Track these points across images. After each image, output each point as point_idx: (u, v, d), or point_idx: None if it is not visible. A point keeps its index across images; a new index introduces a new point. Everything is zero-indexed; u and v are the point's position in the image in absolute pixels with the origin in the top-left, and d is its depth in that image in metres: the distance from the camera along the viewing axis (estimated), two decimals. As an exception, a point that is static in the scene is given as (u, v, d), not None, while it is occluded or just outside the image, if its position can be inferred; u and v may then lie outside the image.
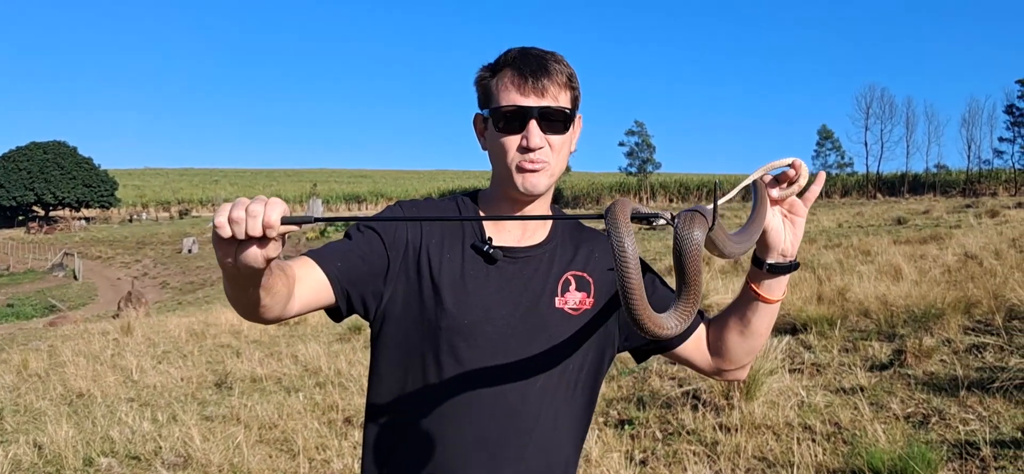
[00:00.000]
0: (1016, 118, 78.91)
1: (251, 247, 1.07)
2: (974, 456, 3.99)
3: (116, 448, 5.44)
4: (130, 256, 50.45)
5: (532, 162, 1.44)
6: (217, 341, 10.47)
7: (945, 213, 30.38)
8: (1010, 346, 5.79)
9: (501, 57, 1.48)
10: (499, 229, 1.52)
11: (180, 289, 35.64)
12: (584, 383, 1.56)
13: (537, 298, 1.49)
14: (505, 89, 1.44)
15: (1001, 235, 15.41)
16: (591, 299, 1.53)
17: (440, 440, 1.46)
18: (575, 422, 1.56)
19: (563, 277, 1.53)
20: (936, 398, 4.91)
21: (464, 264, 1.48)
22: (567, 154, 1.52)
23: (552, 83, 1.43)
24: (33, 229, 76.32)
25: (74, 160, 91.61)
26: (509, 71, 1.44)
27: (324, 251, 1.42)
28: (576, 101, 1.50)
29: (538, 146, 1.43)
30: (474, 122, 1.55)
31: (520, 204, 1.51)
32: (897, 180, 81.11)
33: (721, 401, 5.02)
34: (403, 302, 1.47)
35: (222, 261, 1.10)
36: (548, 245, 1.54)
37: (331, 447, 5.04)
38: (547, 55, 1.46)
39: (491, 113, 1.47)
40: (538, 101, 1.42)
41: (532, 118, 1.42)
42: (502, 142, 1.45)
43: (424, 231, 1.50)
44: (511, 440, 1.47)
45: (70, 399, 7.39)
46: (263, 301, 1.23)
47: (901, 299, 7.62)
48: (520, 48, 1.47)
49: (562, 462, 1.54)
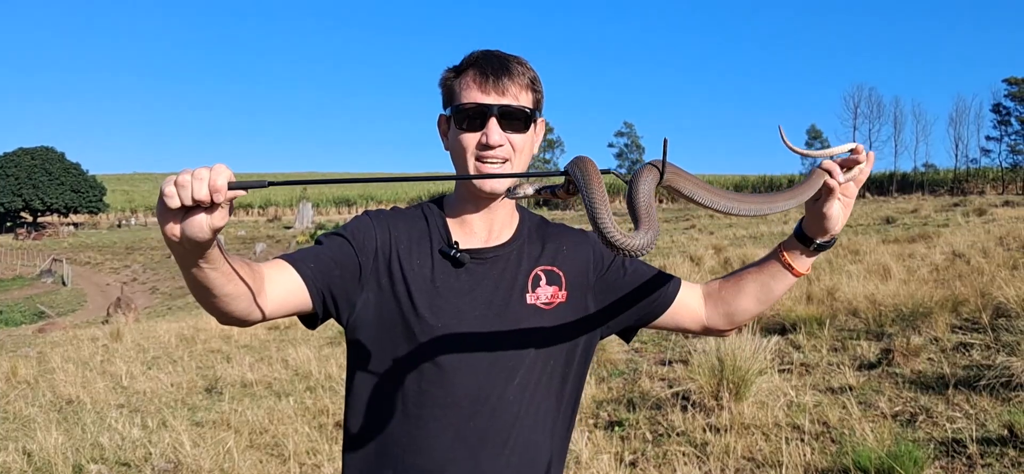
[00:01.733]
0: (1003, 117, 79.52)
1: (197, 215, 1.07)
2: (961, 454, 4.02)
3: (106, 455, 5.43)
4: (119, 261, 50.17)
5: (492, 159, 1.46)
6: (207, 346, 10.44)
7: (933, 212, 30.53)
8: (997, 344, 5.83)
9: (465, 58, 1.51)
10: (465, 232, 1.54)
11: (170, 294, 35.46)
12: (566, 376, 1.58)
13: (508, 296, 1.51)
14: (467, 88, 1.47)
15: (989, 233, 15.52)
16: (564, 292, 1.56)
17: (420, 442, 1.47)
18: (559, 416, 1.58)
19: (532, 273, 1.55)
20: (923, 396, 4.95)
21: (434, 269, 1.50)
22: (529, 155, 1.54)
23: (513, 83, 1.47)
24: (21, 235, 75.79)
25: (62, 165, 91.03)
26: (472, 71, 1.48)
27: (296, 254, 1.43)
28: (538, 104, 1.53)
29: (498, 143, 1.45)
30: (438, 123, 1.58)
31: (483, 204, 1.53)
32: (886, 179, 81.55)
33: (710, 402, 5.04)
34: (375, 307, 1.48)
35: (168, 233, 1.09)
36: (515, 243, 1.56)
37: (322, 451, 5.03)
38: (510, 57, 1.50)
39: (453, 111, 1.49)
40: (499, 99, 1.45)
41: (492, 115, 1.45)
42: (462, 139, 1.48)
43: (392, 237, 1.51)
44: (491, 438, 1.48)
45: (59, 406, 7.36)
46: (224, 290, 1.23)
47: (889, 298, 7.66)
48: (485, 50, 1.51)
49: (546, 457, 1.55)
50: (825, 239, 1.48)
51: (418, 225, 1.55)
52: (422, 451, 1.47)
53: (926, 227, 20.75)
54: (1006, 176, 78.50)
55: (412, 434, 1.47)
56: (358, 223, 1.52)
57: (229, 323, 1.32)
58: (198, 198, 1.05)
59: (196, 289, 1.23)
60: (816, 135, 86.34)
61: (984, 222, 21.46)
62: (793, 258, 1.52)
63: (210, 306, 1.26)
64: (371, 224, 1.52)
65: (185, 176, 1.06)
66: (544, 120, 1.58)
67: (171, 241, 1.11)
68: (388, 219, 1.55)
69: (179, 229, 1.08)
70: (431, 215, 1.57)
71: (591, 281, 1.59)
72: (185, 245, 1.10)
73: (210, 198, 1.06)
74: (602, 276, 1.60)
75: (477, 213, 1.54)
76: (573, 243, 1.62)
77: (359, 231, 1.50)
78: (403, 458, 1.48)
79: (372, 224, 1.52)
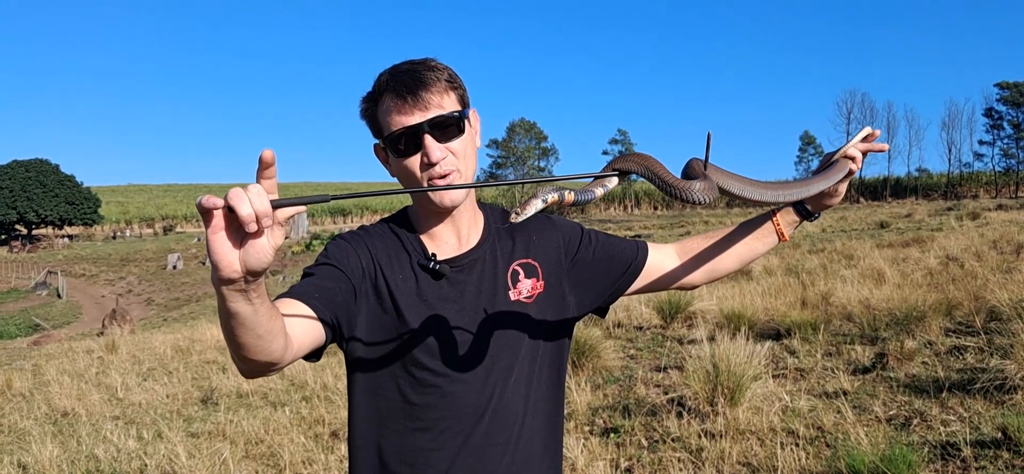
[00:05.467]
0: (995, 121, 79.92)
1: (257, 241, 0.97)
2: (955, 457, 4.03)
3: (101, 467, 5.41)
4: (114, 273, 50.06)
5: (441, 175, 1.44)
6: (203, 357, 10.42)
7: (927, 216, 30.66)
8: (990, 347, 5.86)
9: (376, 83, 1.47)
10: (437, 244, 1.55)
11: (165, 305, 35.41)
12: (554, 364, 1.60)
13: (492, 297, 1.52)
14: (389, 114, 1.44)
15: (982, 237, 15.59)
16: (541, 282, 1.57)
17: (429, 455, 1.48)
18: (550, 404, 1.60)
19: (510, 269, 1.56)
20: (918, 400, 4.97)
21: (418, 282, 1.50)
22: (474, 153, 1.52)
23: (432, 93, 1.43)
24: (16, 248, 75.63)
25: (56, 178, 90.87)
26: (388, 95, 1.44)
27: (298, 290, 1.39)
28: (463, 99, 1.50)
29: (440, 158, 1.43)
30: (375, 152, 1.55)
31: (445, 215, 1.53)
32: (879, 184, 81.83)
33: (705, 408, 5.05)
34: (367, 325, 1.47)
35: (226, 272, 0.98)
36: (485, 244, 1.57)
37: (318, 461, 5.03)
38: (419, 66, 1.45)
39: (385, 141, 1.47)
40: (424, 115, 1.42)
41: (425, 133, 1.42)
42: (405, 165, 1.45)
43: (372, 256, 1.50)
44: (497, 440, 1.49)
45: (55, 418, 7.35)
46: (269, 326, 1.13)
47: (883, 302, 7.70)
48: (391, 68, 1.47)
49: (542, 446, 1.57)
50: (822, 211, 1.67)
51: (392, 242, 1.54)
52: (431, 464, 1.47)
53: (920, 231, 20.83)
54: (999, 180, 78.80)
55: (419, 448, 1.48)
56: (338, 247, 1.51)
57: (260, 370, 1.22)
58: (260, 211, 0.94)
59: (242, 331, 1.10)
60: (809, 141, 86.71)
61: (978, 226, 21.55)
62: (785, 224, 1.65)
63: (252, 349, 1.15)
64: (350, 246, 1.51)
65: (237, 194, 0.95)
66: (475, 111, 1.54)
67: (230, 279, 0.99)
68: (363, 239, 1.54)
69: (238, 260, 0.98)
70: (400, 231, 1.56)
71: (565, 266, 1.61)
72: (248, 272, 1.00)
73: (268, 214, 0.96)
74: (573, 258, 1.62)
75: (442, 224, 1.54)
76: (541, 231, 1.63)
77: (343, 255, 1.48)
78: (411, 470, 1.48)
79: (351, 246, 1.51)
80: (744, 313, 7.93)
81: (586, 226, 1.72)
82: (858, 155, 1.54)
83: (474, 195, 1.59)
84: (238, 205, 0.93)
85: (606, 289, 1.65)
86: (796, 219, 1.66)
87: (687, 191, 1.27)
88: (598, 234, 1.68)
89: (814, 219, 1.67)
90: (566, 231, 1.65)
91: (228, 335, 1.13)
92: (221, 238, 0.96)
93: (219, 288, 1.02)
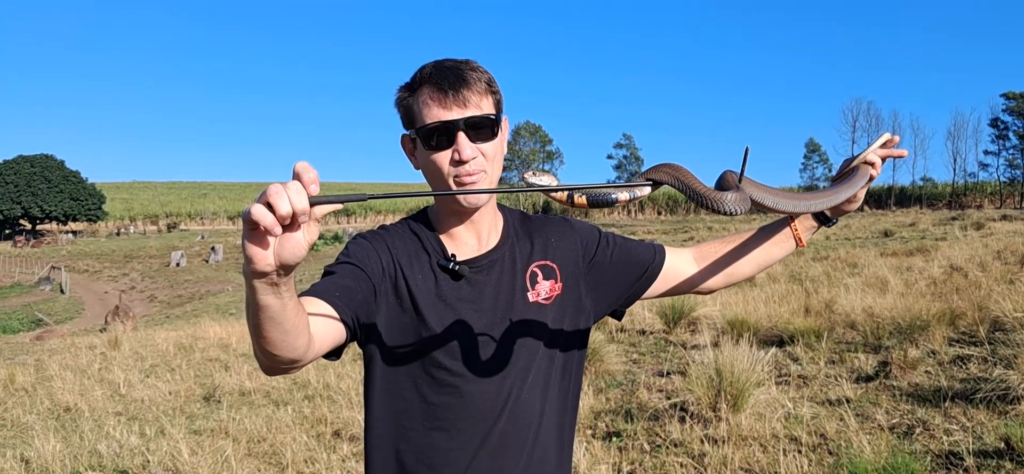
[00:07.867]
0: (1001, 131, 79.82)
1: (293, 235, 0.97)
2: (957, 466, 4.03)
3: (104, 462, 5.42)
4: (118, 270, 50.11)
5: (469, 174, 1.43)
6: (206, 355, 10.44)
7: (931, 225, 30.62)
8: (993, 357, 5.85)
9: (417, 74, 1.47)
10: (456, 245, 1.55)
11: (168, 303, 35.43)
12: (569, 366, 1.60)
13: (511, 298, 1.52)
14: (427, 106, 1.43)
15: (986, 247, 15.56)
16: (560, 283, 1.58)
17: (447, 454, 1.48)
18: (568, 408, 1.61)
19: (529, 270, 1.56)
20: (921, 409, 4.96)
21: (437, 283, 1.50)
22: (502, 159, 1.52)
23: (472, 92, 1.43)
24: (20, 243, 75.72)
25: (61, 173, 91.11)
26: (427, 87, 1.44)
27: (319, 287, 1.39)
28: (499, 105, 1.50)
29: (471, 157, 1.42)
30: (402, 144, 1.55)
31: (466, 216, 1.53)
32: (884, 193, 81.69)
33: (708, 413, 5.05)
34: (387, 324, 1.48)
35: (260, 265, 0.98)
36: (505, 245, 1.57)
37: (320, 460, 5.03)
38: (462, 64, 1.46)
39: (417, 132, 1.46)
40: (462, 112, 1.42)
41: (459, 130, 1.42)
42: (434, 159, 1.44)
43: (393, 255, 1.51)
44: (515, 442, 1.50)
45: (57, 413, 7.36)
46: (294, 322, 1.14)
47: (887, 311, 7.68)
48: (434, 62, 1.47)
49: (557, 444, 1.57)
50: (840, 216, 1.68)
51: (412, 242, 1.54)
52: (448, 464, 1.47)
53: (924, 240, 20.81)
54: (1004, 190, 78.67)
55: (436, 447, 1.48)
56: (359, 246, 1.51)
57: (283, 367, 1.22)
58: (298, 208, 0.94)
59: (269, 325, 1.11)
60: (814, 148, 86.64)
61: (982, 236, 21.51)
62: (803, 230, 1.68)
63: (277, 344, 1.15)
64: (371, 245, 1.51)
65: (276, 191, 0.94)
66: (506, 118, 1.55)
67: (262, 272, 0.99)
68: (384, 238, 1.54)
69: (273, 256, 0.98)
70: (420, 231, 1.56)
71: (582, 268, 1.62)
72: (282, 267, 1.00)
73: (306, 211, 0.95)
74: (590, 260, 1.63)
75: (462, 224, 1.55)
76: (559, 233, 1.63)
77: (363, 254, 1.49)
78: (428, 471, 1.48)
79: (372, 245, 1.51)
80: (748, 319, 7.93)
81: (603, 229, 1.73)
82: (878, 160, 1.56)
83: (495, 197, 1.58)
84: (277, 202, 0.93)
85: (623, 292, 1.65)
86: (814, 225, 1.68)
87: (719, 202, 1.28)
88: (616, 237, 1.68)
89: (832, 224, 1.68)
90: (584, 233, 1.65)
91: (255, 329, 1.13)
92: (258, 232, 0.97)
93: (250, 281, 1.02)
